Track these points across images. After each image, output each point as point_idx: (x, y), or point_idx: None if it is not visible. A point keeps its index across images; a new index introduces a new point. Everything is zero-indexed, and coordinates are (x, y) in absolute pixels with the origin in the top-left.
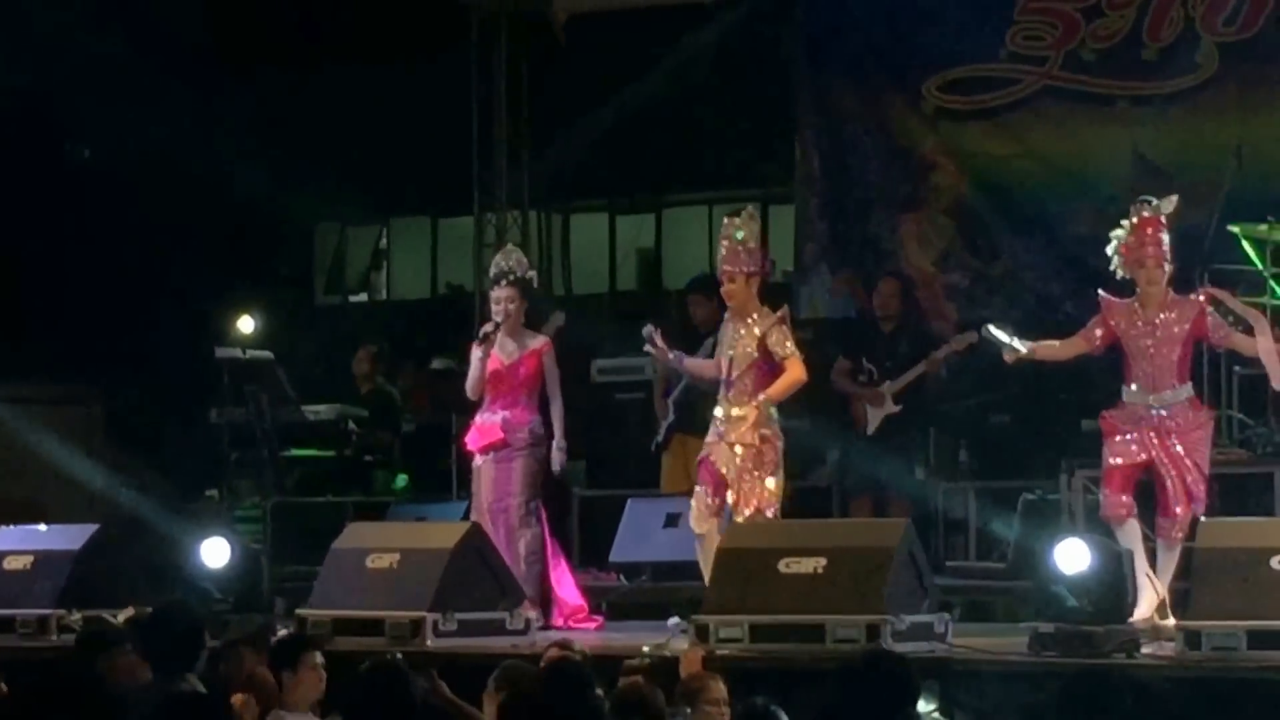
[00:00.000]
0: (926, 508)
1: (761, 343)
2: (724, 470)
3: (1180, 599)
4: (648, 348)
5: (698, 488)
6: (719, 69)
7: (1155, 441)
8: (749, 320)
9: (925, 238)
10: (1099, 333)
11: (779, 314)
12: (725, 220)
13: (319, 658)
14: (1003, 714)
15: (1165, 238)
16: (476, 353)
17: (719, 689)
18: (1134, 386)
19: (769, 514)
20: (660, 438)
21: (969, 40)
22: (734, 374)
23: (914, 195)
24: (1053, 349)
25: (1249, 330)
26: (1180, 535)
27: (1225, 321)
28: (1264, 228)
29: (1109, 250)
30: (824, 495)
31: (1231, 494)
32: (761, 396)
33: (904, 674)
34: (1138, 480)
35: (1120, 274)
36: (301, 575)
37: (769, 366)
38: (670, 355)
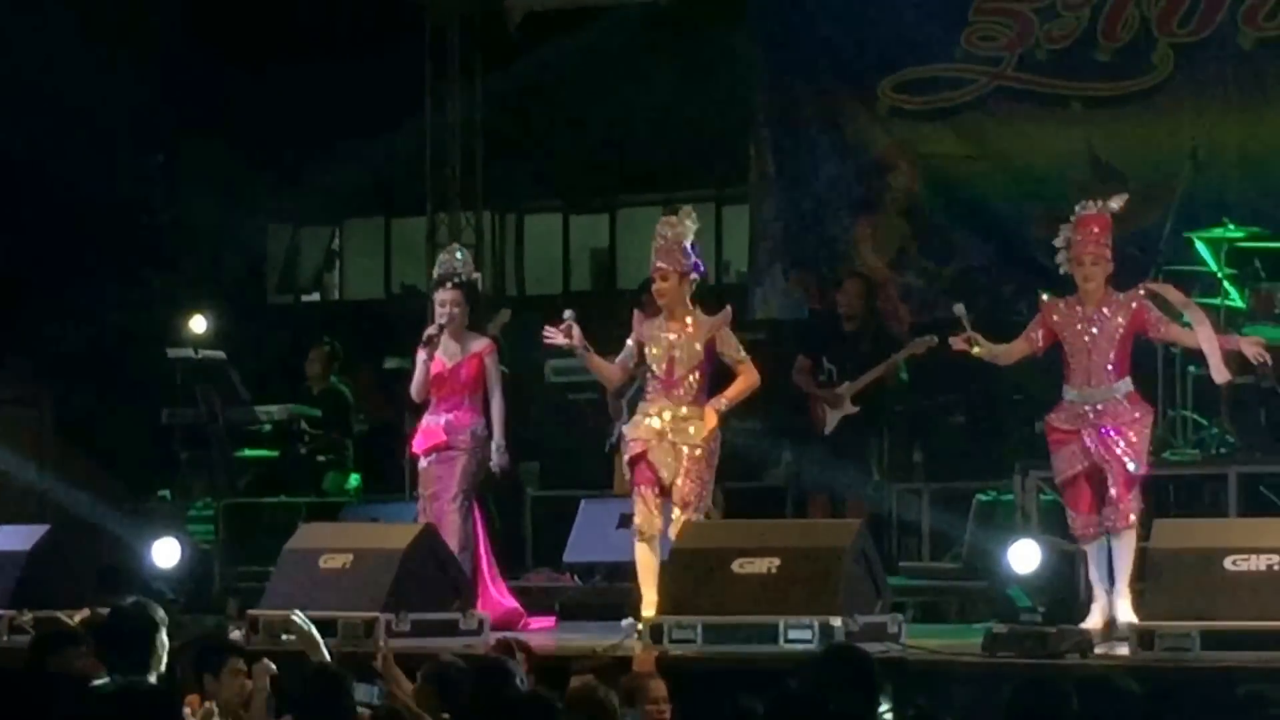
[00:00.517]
0: (880, 508)
1: (708, 345)
2: (664, 472)
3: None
4: (549, 335)
5: (642, 489)
6: (673, 69)
7: (1094, 437)
8: (685, 321)
9: (880, 239)
10: (1039, 333)
11: (724, 316)
12: (661, 219)
13: (241, 663)
14: (956, 715)
15: (1107, 236)
16: (421, 355)
17: (659, 688)
18: (1073, 385)
19: (702, 516)
20: (613, 438)
21: (924, 40)
22: (676, 374)
23: (869, 196)
24: (999, 352)
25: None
26: (1123, 525)
27: (1163, 316)
28: (1219, 230)
29: (1057, 244)
30: (778, 495)
31: (1186, 494)
32: (724, 402)
33: (868, 668)
34: (1100, 490)
35: (1064, 270)
36: (254, 576)
37: (711, 368)
38: (580, 345)
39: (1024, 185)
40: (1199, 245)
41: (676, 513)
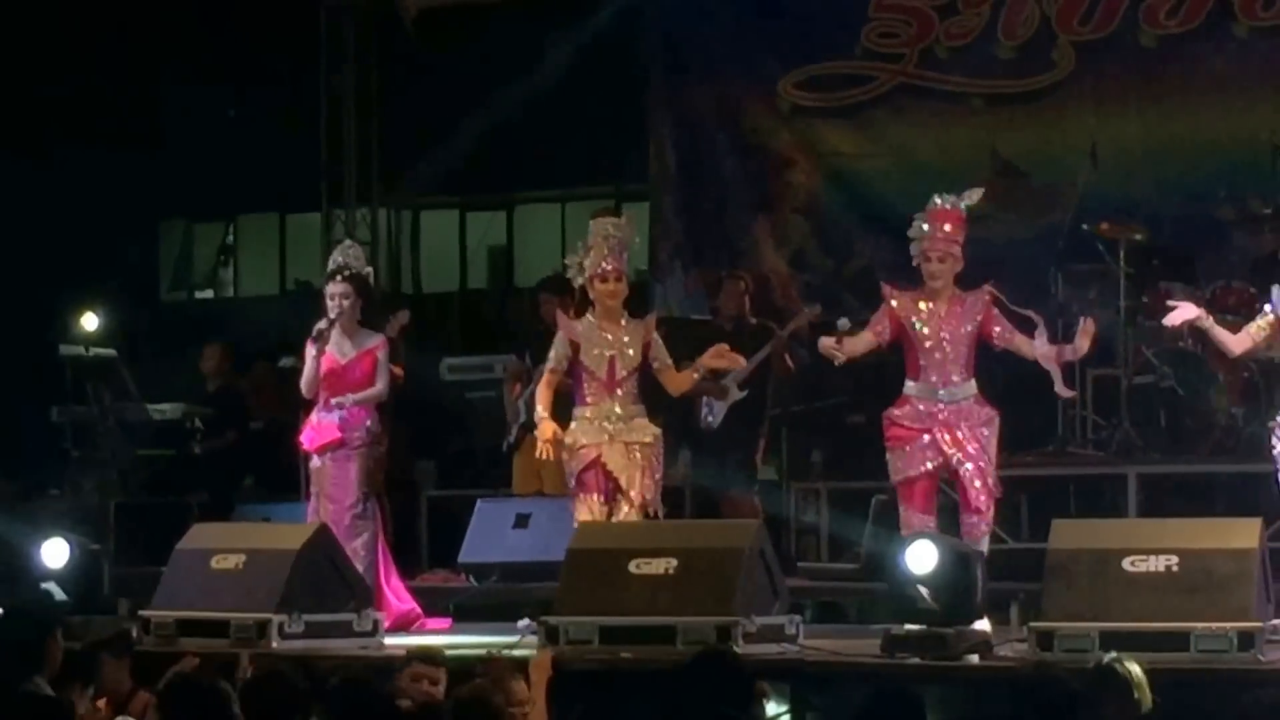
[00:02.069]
0: (779, 509)
1: (645, 347)
2: (619, 473)
3: (1033, 600)
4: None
5: (587, 495)
6: (572, 65)
7: (947, 439)
8: (621, 323)
9: (780, 237)
10: (884, 326)
11: (652, 319)
12: (603, 220)
13: (125, 665)
14: (854, 716)
15: (959, 232)
16: (310, 350)
17: (520, 690)
18: (920, 381)
19: (653, 512)
20: (512, 438)
21: (824, 37)
22: (619, 375)
23: (769, 194)
24: (857, 343)
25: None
26: (984, 532)
27: (1009, 323)
28: (1118, 227)
29: (910, 234)
30: (676, 495)
31: (1085, 495)
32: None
33: (739, 672)
34: (938, 490)
35: (915, 263)
36: (145, 576)
37: (647, 367)
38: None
39: (925, 183)
40: (1099, 243)
41: (626, 510)
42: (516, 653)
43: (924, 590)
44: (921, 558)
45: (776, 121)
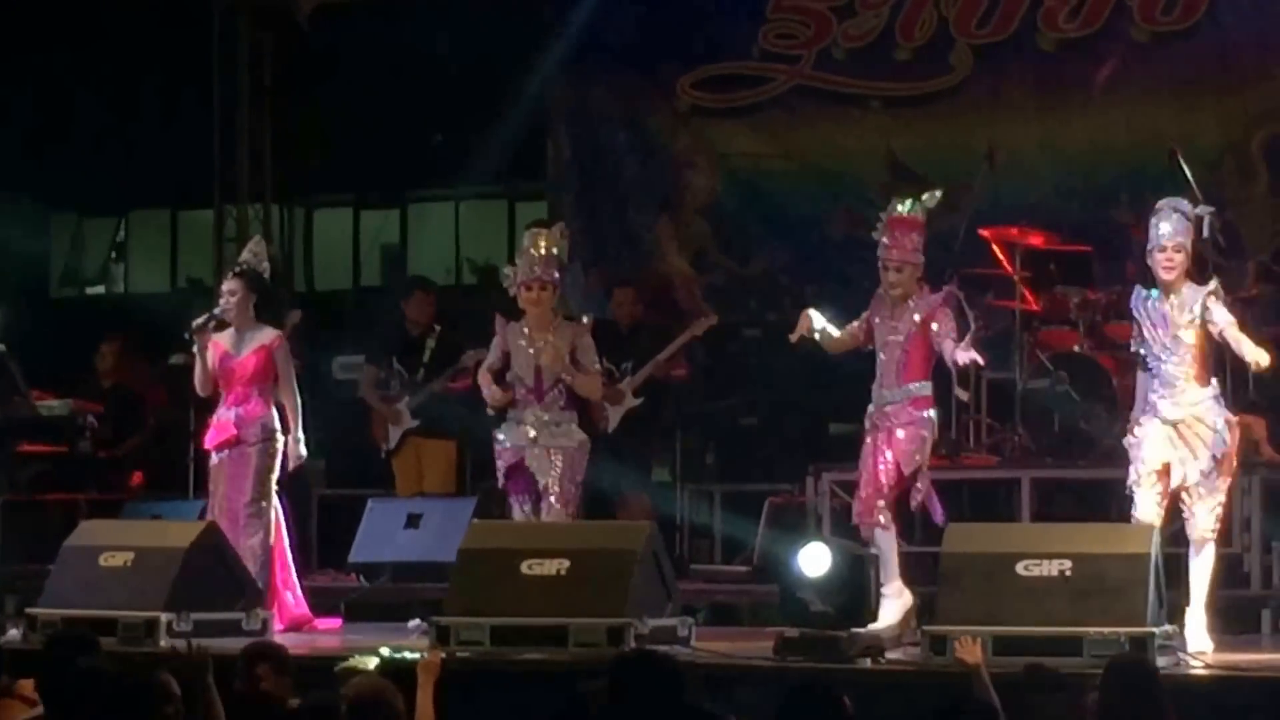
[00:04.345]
0: (671, 510)
1: (571, 353)
2: (540, 476)
3: (926, 604)
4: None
5: (514, 497)
6: (466, 62)
7: (882, 441)
8: (550, 331)
9: (683, 237)
10: (863, 327)
11: (588, 323)
12: (532, 231)
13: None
14: (746, 718)
15: (917, 239)
16: (195, 347)
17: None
18: (875, 385)
19: (571, 514)
20: (391, 445)
21: (722, 37)
22: (545, 384)
23: (670, 194)
24: (830, 339)
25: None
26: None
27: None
28: (1014, 231)
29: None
30: None
31: (979, 499)
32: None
33: (673, 673)
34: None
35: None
36: (33, 574)
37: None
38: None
39: (823, 185)
40: (994, 247)
41: (548, 513)
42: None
43: (815, 593)
44: (815, 560)
45: (675, 121)
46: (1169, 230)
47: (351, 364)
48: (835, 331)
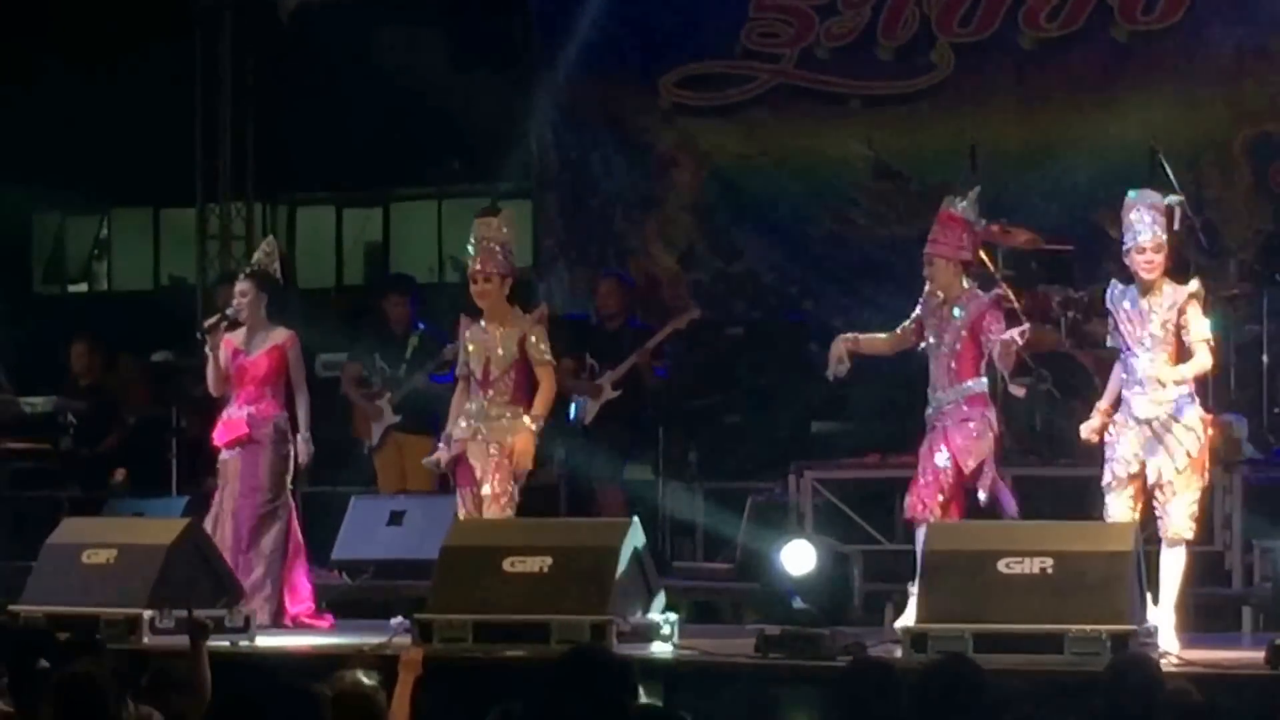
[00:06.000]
0: (654, 507)
1: (521, 343)
2: (478, 468)
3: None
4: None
5: (463, 490)
6: (449, 61)
7: (939, 440)
8: (503, 322)
9: (669, 235)
10: (912, 327)
11: (539, 314)
12: (479, 221)
13: None
14: (729, 716)
15: (959, 237)
16: (207, 348)
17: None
18: (929, 388)
19: (509, 512)
20: (374, 442)
21: (705, 36)
22: (492, 375)
23: (655, 192)
24: (875, 342)
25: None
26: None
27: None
28: (996, 230)
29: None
30: (551, 493)
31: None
32: (538, 421)
33: (621, 669)
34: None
35: None
36: (15, 571)
37: (527, 366)
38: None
39: (806, 184)
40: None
41: (488, 506)
42: (387, 651)
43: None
44: (798, 558)
45: (659, 120)
46: (1147, 230)
47: (334, 361)
48: (880, 335)
